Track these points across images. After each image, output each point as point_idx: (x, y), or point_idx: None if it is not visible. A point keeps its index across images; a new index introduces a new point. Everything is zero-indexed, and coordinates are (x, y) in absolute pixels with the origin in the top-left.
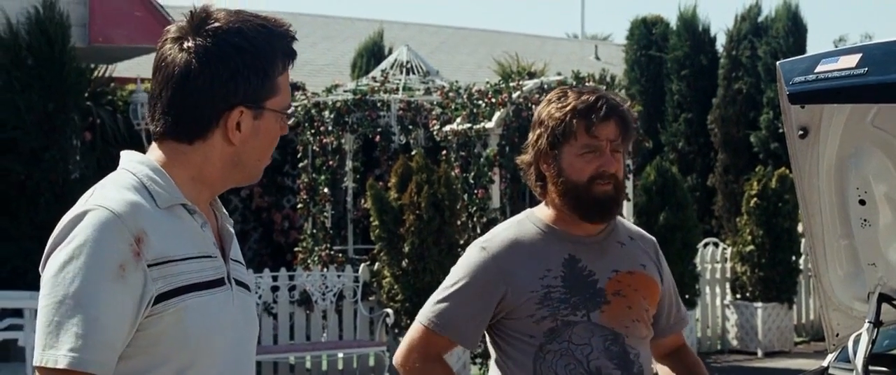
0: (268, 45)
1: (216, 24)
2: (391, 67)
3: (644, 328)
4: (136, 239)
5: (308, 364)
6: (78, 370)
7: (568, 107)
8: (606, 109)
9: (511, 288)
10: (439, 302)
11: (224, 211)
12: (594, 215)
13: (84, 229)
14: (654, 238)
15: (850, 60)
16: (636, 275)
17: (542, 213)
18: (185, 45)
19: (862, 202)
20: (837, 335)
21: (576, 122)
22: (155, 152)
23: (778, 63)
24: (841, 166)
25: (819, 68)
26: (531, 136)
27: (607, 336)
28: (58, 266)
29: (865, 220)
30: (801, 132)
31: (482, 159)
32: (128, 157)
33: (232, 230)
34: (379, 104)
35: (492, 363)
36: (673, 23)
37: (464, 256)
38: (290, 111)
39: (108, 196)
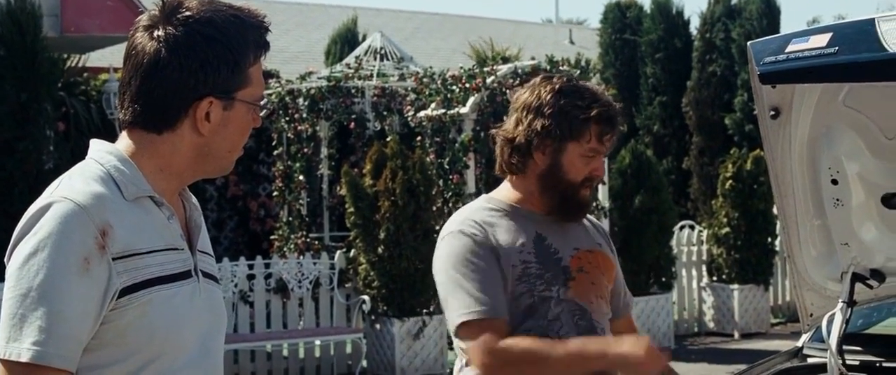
0: (239, 35)
1: (187, 13)
2: (365, 54)
3: (606, 305)
4: (101, 232)
5: (285, 352)
6: (41, 363)
7: (593, 111)
8: (619, 122)
9: (500, 260)
10: (461, 294)
11: (194, 200)
12: (572, 214)
13: (49, 221)
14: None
15: (821, 40)
16: (595, 253)
17: (502, 195)
18: (156, 33)
19: (834, 182)
20: (811, 315)
21: (593, 126)
22: (123, 141)
23: (749, 43)
24: (813, 146)
25: (790, 48)
26: (529, 119)
27: (575, 311)
28: (22, 258)
29: (838, 200)
30: (772, 112)
31: (457, 144)
32: (96, 147)
33: (201, 221)
34: (353, 91)
35: (458, 350)
36: (647, 6)
37: (446, 248)
38: (263, 102)
39: (73, 187)
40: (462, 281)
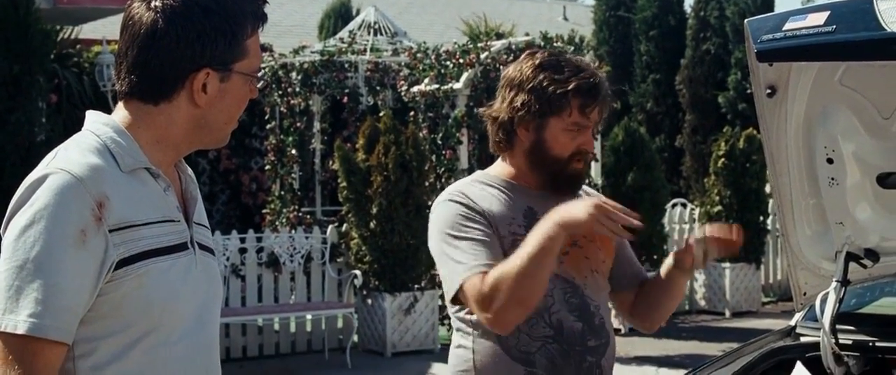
0: (237, 6)
1: None
2: (359, 28)
3: (602, 280)
4: (97, 204)
5: (276, 326)
6: (37, 335)
7: (570, 85)
8: (603, 92)
9: (492, 225)
10: (451, 264)
11: (190, 173)
12: (565, 189)
13: (45, 193)
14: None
15: (819, 18)
16: None
17: (497, 171)
18: (153, 4)
19: (830, 161)
20: (805, 294)
21: (573, 100)
22: (120, 113)
23: (746, 21)
24: (809, 125)
25: (787, 26)
26: (512, 95)
27: (567, 288)
28: (18, 230)
29: (833, 179)
30: (768, 90)
31: (450, 120)
32: (93, 118)
33: (197, 193)
34: (347, 65)
35: (454, 327)
36: None
37: (435, 217)
38: (260, 74)
39: (70, 159)
40: (451, 249)
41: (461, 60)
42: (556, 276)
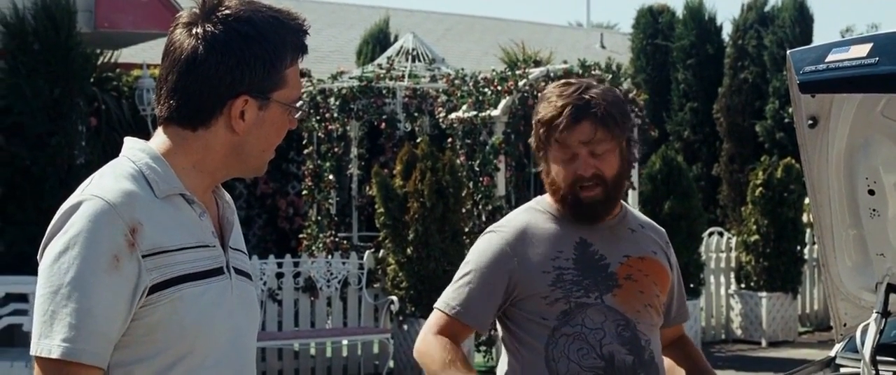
0: (277, 36)
1: (227, 11)
2: (397, 54)
3: (655, 314)
4: (130, 230)
5: (312, 351)
6: (71, 360)
7: (537, 117)
8: (572, 115)
9: (522, 268)
10: (454, 286)
11: (227, 198)
12: (580, 217)
13: (79, 219)
14: (663, 228)
15: (861, 50)
16: (647, 261)
17: (552, 199)
18: (194, 30)
19: (871, 192)
20: (845, 325)
21: (544, 133)
22: (158, 138)
23: (788, 52)
24: (850, 156)
25: (830, 57)
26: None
27: (619, 322)
28: (53, 256)
29: (874, 210)
30: (810, 121)
31: (487, 147)
32: (129, 144)
33: (234, 219)
34: (384, 91)
35: (503, 350)
36: (679, 12)
37: (476, 242)
38: (299, 104)
39: (104, 185)
40: (462, 275)
41: (499, 87)
42: (609, 309)
